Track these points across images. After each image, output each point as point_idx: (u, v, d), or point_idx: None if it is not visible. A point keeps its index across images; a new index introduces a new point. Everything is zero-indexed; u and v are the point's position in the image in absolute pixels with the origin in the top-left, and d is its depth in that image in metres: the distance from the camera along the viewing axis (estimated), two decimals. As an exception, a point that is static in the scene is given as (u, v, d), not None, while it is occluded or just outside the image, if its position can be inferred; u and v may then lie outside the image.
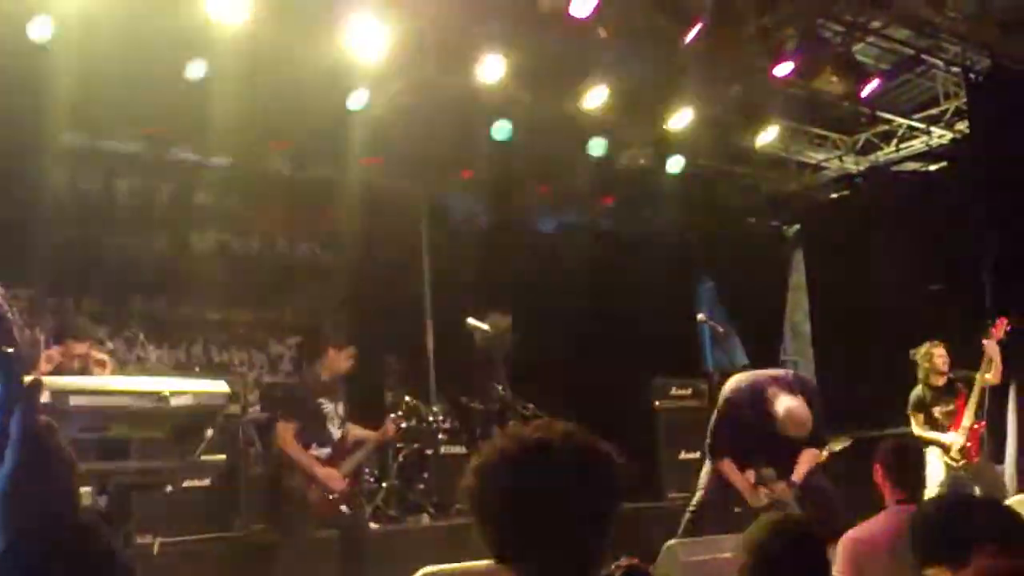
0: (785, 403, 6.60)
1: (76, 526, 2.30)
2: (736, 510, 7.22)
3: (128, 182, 9.67)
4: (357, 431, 7.09)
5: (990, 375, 8.20)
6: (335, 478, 6.55)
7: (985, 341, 8.16)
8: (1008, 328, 8.14)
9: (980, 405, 8.27)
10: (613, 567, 2.12)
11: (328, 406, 6.71)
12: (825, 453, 8.10)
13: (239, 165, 9.69)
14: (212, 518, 6.93)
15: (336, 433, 6.74)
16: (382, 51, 7.80)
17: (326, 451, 6.66)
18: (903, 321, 10.09)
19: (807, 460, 6.88)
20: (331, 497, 6.54)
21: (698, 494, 7.18)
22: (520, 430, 2.20)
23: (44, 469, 2.23)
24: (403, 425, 7.97)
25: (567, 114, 9.56)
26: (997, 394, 8.55)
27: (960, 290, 9.97)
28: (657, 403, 10.42)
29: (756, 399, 6.79)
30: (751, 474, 6.98)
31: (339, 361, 6.81)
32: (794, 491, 6.88)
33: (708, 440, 7.10)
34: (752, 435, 6.83)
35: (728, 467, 6.90)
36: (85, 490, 4.74)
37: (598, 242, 12.01)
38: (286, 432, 6.56)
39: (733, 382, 7.11)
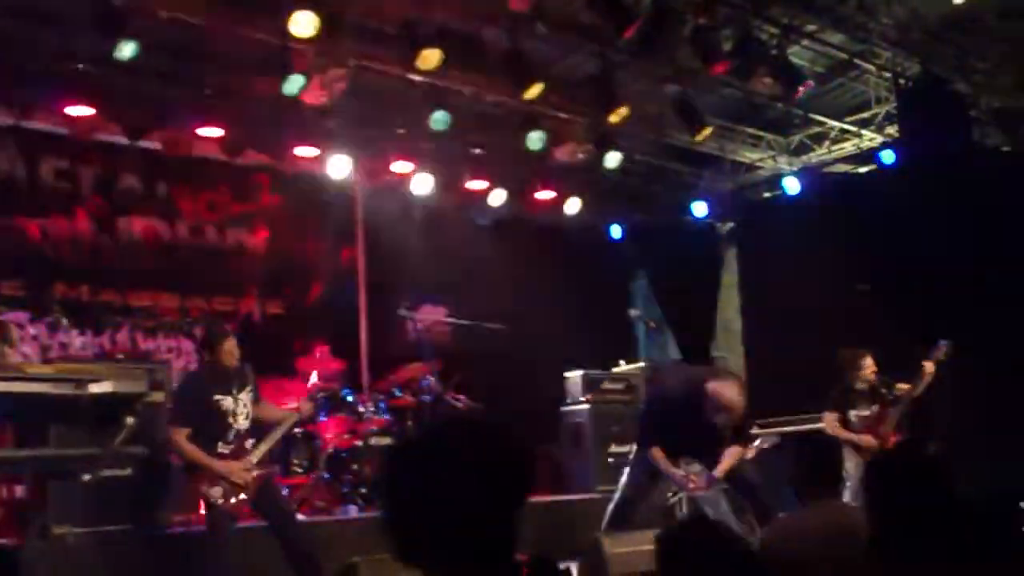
0: (721, 386, 6.72)
1: None
2: (670, 498, 7.31)
3: (53, 164, 9.45)
4: (271, 412, 6.92)
5: (918, 392, 8.35)
6: (236, 471, 6.36)
7: (925, 363, 8.28)
8: (949, 353, 8.26)
9: (903, 416, 8.41)
10: (521, 563, 2.08)
11: (226, 400, 6.50)
12: (752, 449, 8.20)
13: (167, 148, 9.48)
14: (133, 509, 6.77)
15: (242, 425, 6.53)
16: (318, 37, 7.68)
17: (230, 447, 6.42)
18: (831, 320, 10.24)
19: (731, 456, 6.98)
20: (237, 494, 6.36)
21: (623, 487, 7.25)
22: (431, 422, 2.18)
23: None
24: (319, 395, 7.87)
25: (505, 106, 9.54)
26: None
27: (887, 291, 10.14)
28: (588, 396, 10.47)
29: (689, 390, 6.85)
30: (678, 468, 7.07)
31: (229, 350, 6.57)
32: (718, 485, 6.97)
33: (639, 430, 7.21)
34: (682, 428, 6.91)
35: (659, 455, 6.99)
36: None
37: (535, 235, 12.01)
38: (179, 439, 6.29)
39: (665, 374, 7.22)
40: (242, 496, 6.32)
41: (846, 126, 11.34)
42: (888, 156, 11.00)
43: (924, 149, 10.04)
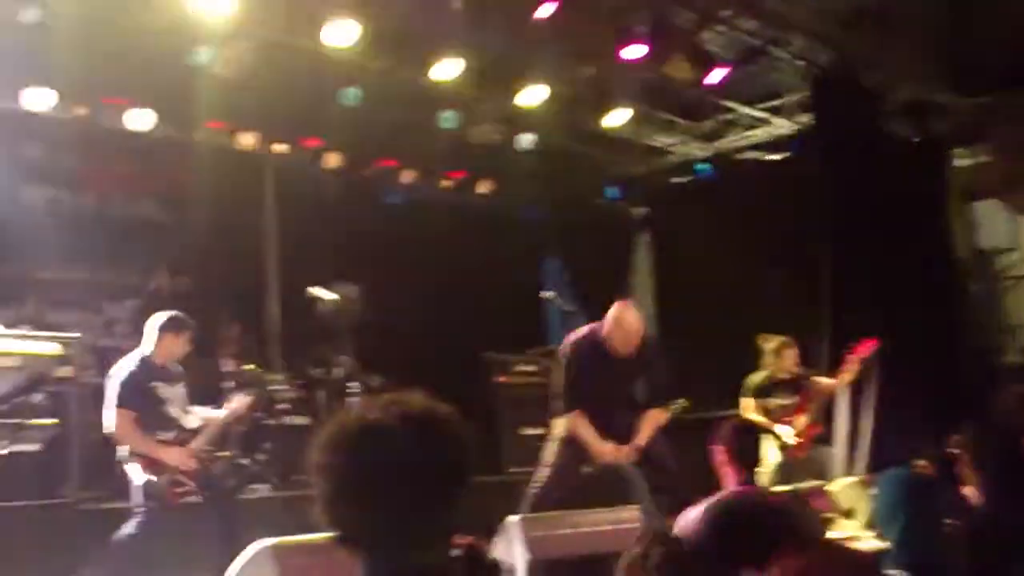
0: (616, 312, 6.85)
1: None
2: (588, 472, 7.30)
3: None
4: (205, 413, 6.91)
5: (841, 386, 8.53)
6: (182, 456, 6.34)
7: (849, 356, 8.43)
8: (873, 351, 8.43)
9: (820, 409, 8.59)
10: (454, 548, 2.08)
11: (166, 389, 6.47)
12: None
13: (73, 118, 9.23)
14: (41, 484, 6.63)
15: (179, 416, 6.52)
16: (229, 8, 7.55)
17: (170, 435, 6.46)
18: (744, 306, 10.41)
19: (650, 423, 7.02)
20: (179, 482, 6.33)
21: (543, 469, 7.24)
22: (369, 403, 2.15)
23: None
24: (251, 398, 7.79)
25: (419, 84, 9.49)
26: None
27: (799, 278, 10.32)
28: (500, 378, 10.51)
29: (595, 344, 6.93)
30: None
31: (176, 346, 6.60)
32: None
33: (561, 399, 7.07)
34: (596, 391, 6.93)
35: (580, 421, 6.93)
36: None
37: (447, 216, 11.99)
38: (125, 419, 6.27)
39: (572, 337, 7.23)
40: (184, 485, 6.30)
41: (758, 113, 11.50)
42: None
43: (834, 137, 10.24)
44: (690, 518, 2.17)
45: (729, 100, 11.22)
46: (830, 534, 6.26)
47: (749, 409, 8.57)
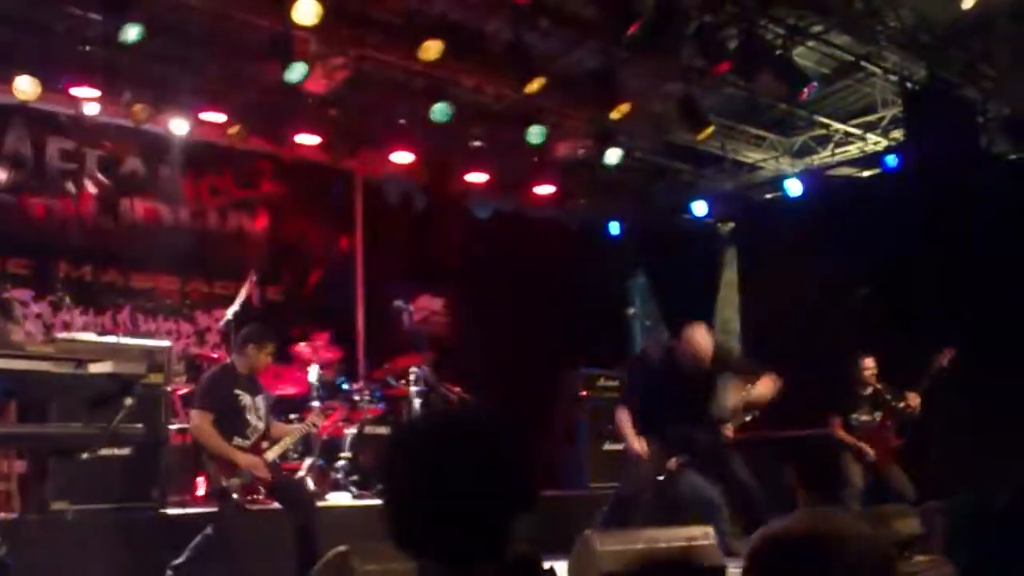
0: (688, 334, 7.09)
1: None
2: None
3: (59, 144, 9.49)
4: (284, 428, 7.08)
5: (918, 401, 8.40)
6: (258, 466, 6.49)
7: (925, 367, 8.32)
8: (952, 359, 8.31)
9: (903, 425, 8.46)
10: (507, 555, 2.10)
11: (246, 398, 6.64)
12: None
13: (171, 132, 9.54)
14: (130, 488, 6.83)
15: (257, 424, 6.67)
16: (321, 26, 7.71)
17: (247, 442, 6.60)
18: (831, 323, 10.26)
19: (735, 392, 7.35)
20: (252, 487, 6.48)
21: (625, 486, 7.22)
22: (434, 413, 2.20)
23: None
24: (326, 423, 7.90)
25: (507, 100, 9.56)
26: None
27: (888, 295, 10.14)
28: (584, 393, 10.50)
29: (664, 359, 7.09)
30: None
31: (258, 358, 6.76)
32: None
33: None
34: (663, 392, 7.08)
35: (623, 416, 7.13)
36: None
37: (533, 230, 12.03)
38: (204, 422, 6.47)
39: (645, 350, 7.34)
40: (257, 490, 6.45)
41: (851, 129, 11.33)
42: (892, 160, 11.04)
43: (929, 154, 10.03)
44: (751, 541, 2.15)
45: (822, 116, 11.09)
46: (915, 558, 6.18)
47: (836, 427, 8.48)
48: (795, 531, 4.10)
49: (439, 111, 9.36)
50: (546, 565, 2.18)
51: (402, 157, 10.46)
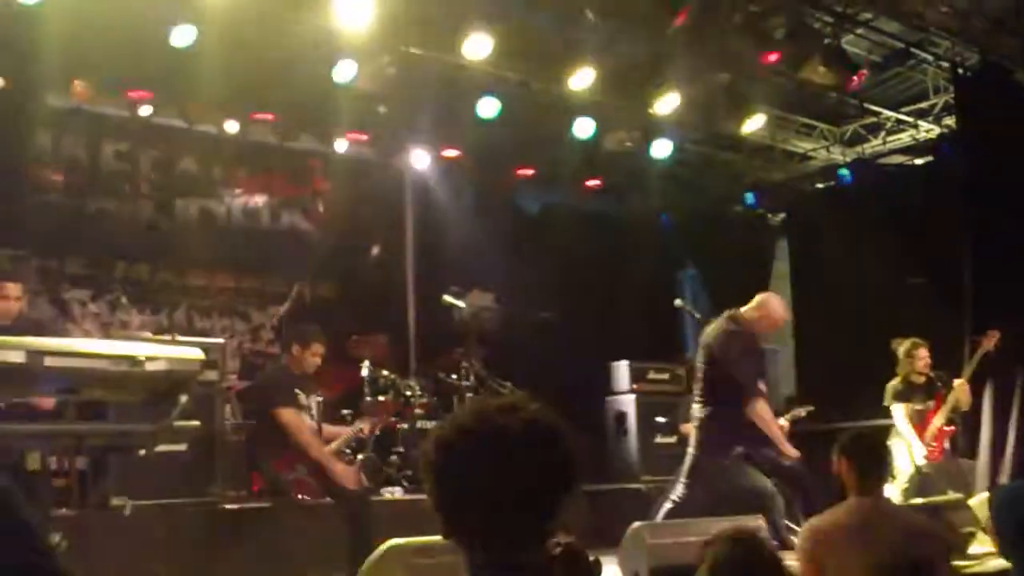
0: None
1: None
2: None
3: (113, 146, 9.67)
4: (330, 430, 7.16)
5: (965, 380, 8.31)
6: (350, 477, 6.59)
7: (973, 349, 8.24)
8: (998, 341, 8.22)
9: (954, 409, 8.37)
10: (551, 545, 2.14)
11: (302, 397, 6.76)
12: (786, 421, 8.21)
13: (223, 133, 9.68)
14: (187, 483, 6.96)
15: (312, 424, 6.78)
16: (369, 24, 7.78)
17: None
18: (884, 313, 10.17)
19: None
20: (304, 481, 6.58)
21: (680, 486, 7.09)
22: (480, 405, 2.22)
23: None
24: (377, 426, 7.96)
25: (554, 94, 9.57)
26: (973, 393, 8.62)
27: (941, 284, 10.02)
28: (634, 386, 10.49)
29: (746, 335, 6.91)
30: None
31: (305, 359, 6.84)
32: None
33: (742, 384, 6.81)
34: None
35: (764, 410, 6.77)
36: (33, 454, 4.81)
37: (582, 224, 12.03)
38: (293, 416, 6.61)
39: (726, 328, 7.04)
40: (310, 479, 6.55)
41: (902, 116, 11.20)
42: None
43: (982, 140, 9.87)
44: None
45: (873, 104, 10.97)
46: (970, 549, 6.11)
47: (900, 415, 8.41)
48: (842, 523, 4.10)
49: (487, 106, 9.40)
50: (592, 558, 2.21)
51: (451, 153, 10.52)
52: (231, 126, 9.62)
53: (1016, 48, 9.75)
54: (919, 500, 7.36)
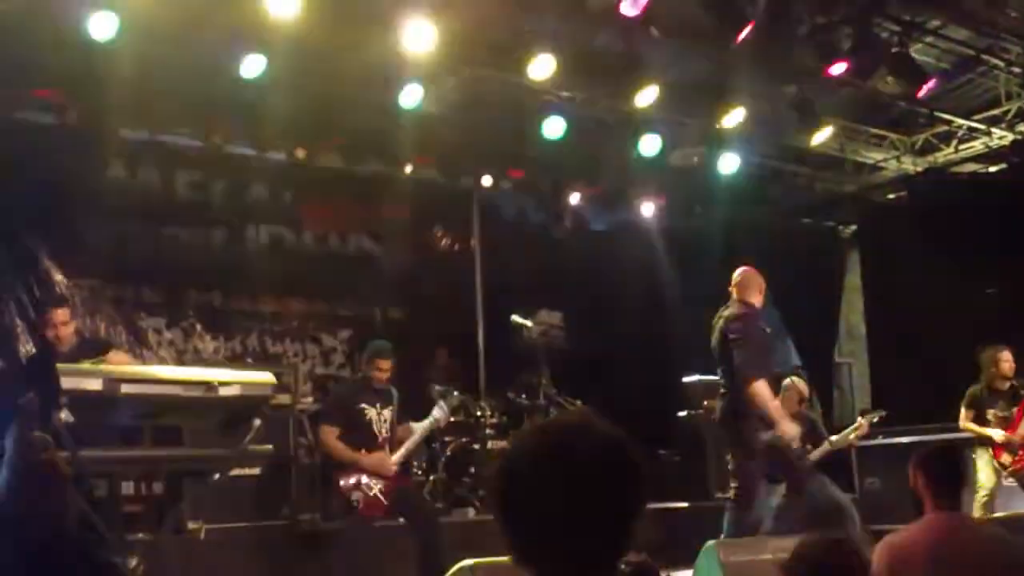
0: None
1: (60, 542, 2.35)
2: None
3: (186, 176, 9.87)
4: (406, 429, 7.17)
5: None
6: (384, 463, 6.63)
7: None
8: None
9: None
10: (623, 564, 2.11)
11: (370, 411, 6.80)
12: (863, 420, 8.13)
13: (292, 159, 9.83)
14: (261, 506, 7.04)
15: (382, 437, 6.82)
16: (433, 48, 7.85)
17: (371, 453, 6.75)
18: (958, 325, 9.97)
19: None
20: (374, 499, 6.61)
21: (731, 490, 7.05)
22: (544, 426, 2.20)
23: (32, 487, 2.29)
24: (451, 419, 7.97)
25: (620, 112, 9.56)
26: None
27: (1018, 294, 9.81)
28: (707, 402, 10.38)
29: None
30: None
31: (379, 371, 6.90)
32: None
33: (738, 364, 6.68)
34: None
35: (762, 388, 6.57)
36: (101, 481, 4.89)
37: (650, 241, 11.98)
38: (328, 435, 6.71)
39: (740, 312, 6.98)
40: (379, 497, 6.58)
41: (974, 124, 11.00)
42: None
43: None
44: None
45: (944, 112, 10.79)
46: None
47: (965, 419, 8.26)
48: (919, 539, 4.00)
49: (552, 126, 9.43)
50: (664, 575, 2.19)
51: (518, 173, 10.56)
52: (300, 153, 9.76)
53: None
54: (1000, 514, 7.19)
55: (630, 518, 2.08)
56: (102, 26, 7.09)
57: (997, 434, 8.14)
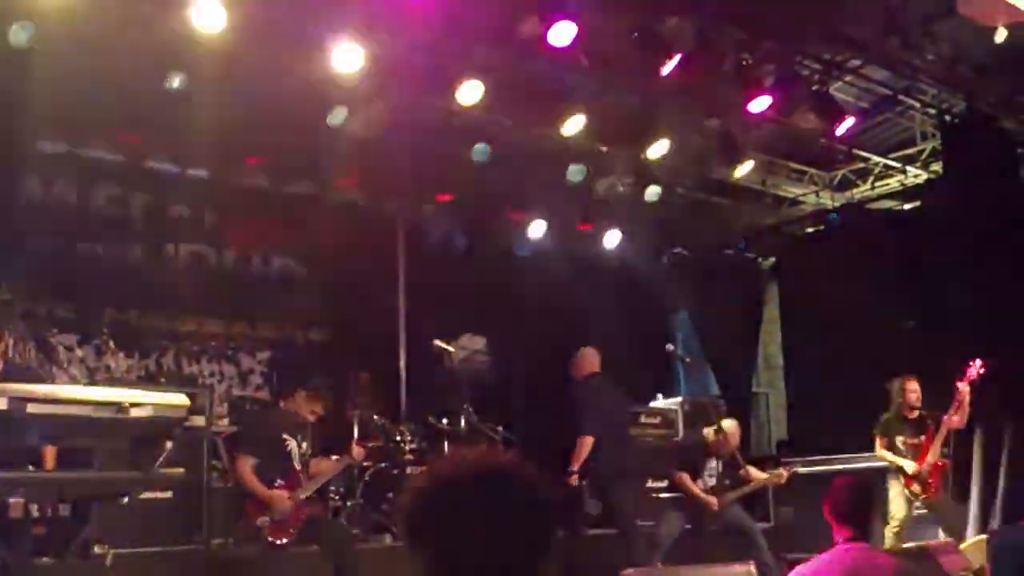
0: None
1: None
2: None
3: (104, 191, 9.68)
4: (323, 464, 7.12)
5: (957, 417, 8.28)
6: (281, 500, 6.56)
7: (958, 383, 8.25)
8: (981, 371, 8.23)
9: (945, 444, 8.37)
10: None
11: (291, 442, 6.75)
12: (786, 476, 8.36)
13: (216, 177, 9.71)
14: (173, 530, 6.90)
15: (300, 466, 6.77)
16: (361, 70, 7.82)
17: (286, 482, 6.71)
18: (875, 355, 10.18)
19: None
20: (282, 526, 6.55)
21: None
22: (457, 457, 2.21)
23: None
24: (369, 445, 7.93)
25: (546, 140, 9.62)
26: (961, 435, 8.62)
27: (933, 328, 10.05)
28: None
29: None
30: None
31: (304, 402, 6.86)
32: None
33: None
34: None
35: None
36: (15, 501, 4.76)
37: (574, 267, 12.03)
38: (243, 465, 6.65)
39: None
40: (285, 523, 6.51)
41: (890, 162, 11.29)
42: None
43: (969, 186, 9.94)
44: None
45: (862, 149, 11.06)
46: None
47: (880, 447, 8.44)
48: (825, 570, 4.06)
49: (479, 152, 9.45)
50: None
51: (444, 198, 10.55)
52: (223, 170, 9.63)
53: (1001, 95, 9.85)
54: (910, 544, 7.33)
55: (540, 551, 2.09)
56: (19, 34, 6.95)
57: (908, 465, 8.31)
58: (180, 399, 5.06)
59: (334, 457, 7.31)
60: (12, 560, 4.71)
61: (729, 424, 8.56)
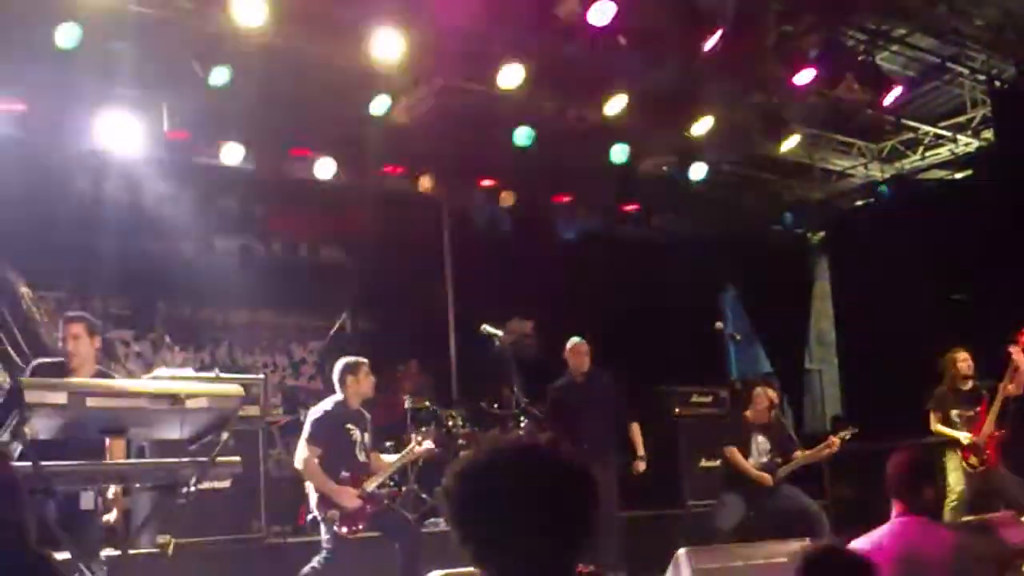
0: None
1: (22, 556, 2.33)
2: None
3: (153, 187, 9.78)
4: (380, 459, 7.11)
5: (1013, 384, 8.15)
6: (349, 495, 6.55)
7: (1010, 349, 8.11)
8: None
9: (1002, 414, 8.23)
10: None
11: (356, 433, 6.72)
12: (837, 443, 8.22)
13: (262, 170, 9.77)
14: (230, 520, 6.98)
15: (363, 459, 6.75)
16: (403, 58, 7.84)
17: (349, 475, 6.67)
18: (928, 329, 10.04)
19: None
20: (352, 517, 6.56)
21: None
22: (498, 439, 2.24)
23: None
24: (423, 430, 7.91)
25: (588, 121, 9.58)
26: (1020, 405, 8.48)
27: (985, 298, 9.90)
28: (678, 410, 10.40)
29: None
30: None
31: (359, 385, 6.80)
32: None
33: None
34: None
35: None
36: (86, 493, 4.84)
37: (621, 249, 11.99)
38: (310, 455, 6.59)
39: None
40: (358, 524, 6.53)
41: (940, 131, 11.11)
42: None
43: (1022, 152, 9.76)
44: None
45: (910, 119, 10.89)
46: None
47: (935, 421, 8.33)
48: (886, 545, 4.02)
49: (522, 136, 9.43)
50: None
51: (488, 183, 10.55)
52: (268, 163, 9.68)
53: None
54: (969, 518, 7.24)
55: (578, 531, 2.10)
56: (65, 35, 7.07)
57: (963, 436, 8.20)
58: (235, 389, 5.12)
59: (413, 448, 7.20)
60: (82, 550, 4.80)
61: (758, 391, 8.46)
